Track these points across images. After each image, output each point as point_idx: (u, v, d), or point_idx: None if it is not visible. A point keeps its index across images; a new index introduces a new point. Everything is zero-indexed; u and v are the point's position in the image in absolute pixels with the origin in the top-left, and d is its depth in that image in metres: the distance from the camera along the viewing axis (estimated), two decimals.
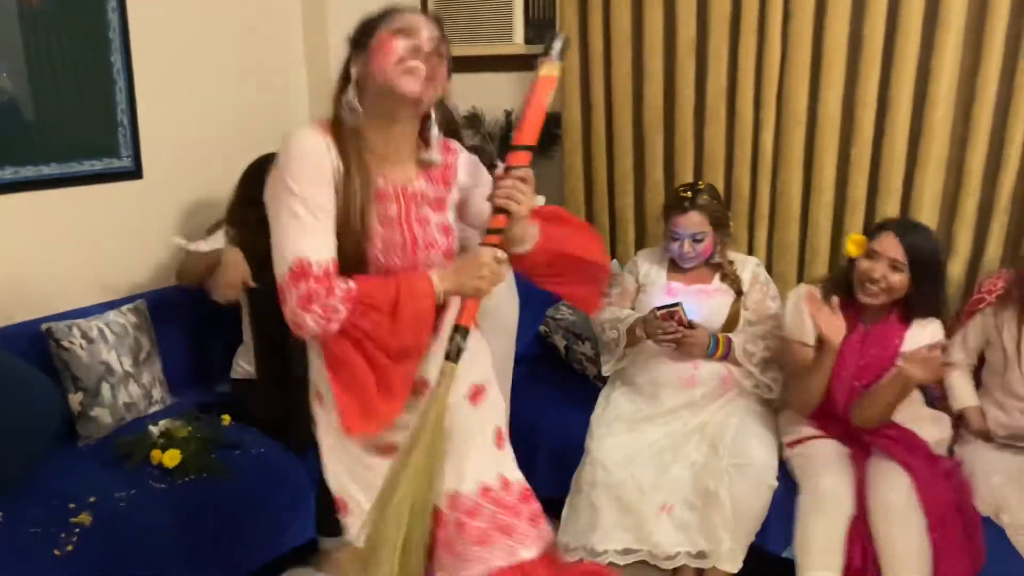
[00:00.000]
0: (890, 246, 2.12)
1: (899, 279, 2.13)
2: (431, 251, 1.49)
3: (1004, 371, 2.24)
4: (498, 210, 1.43)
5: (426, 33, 1.42)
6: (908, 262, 2.11)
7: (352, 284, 1.38)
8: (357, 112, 1.43)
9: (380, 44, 1.41)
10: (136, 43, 2.63)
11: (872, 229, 2.26)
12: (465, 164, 1.60)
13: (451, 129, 2.28)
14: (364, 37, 1.44)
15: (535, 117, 1.46)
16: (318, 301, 1.34)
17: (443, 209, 1.54)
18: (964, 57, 2.50)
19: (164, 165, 2.77)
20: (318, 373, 1.54)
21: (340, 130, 1.44)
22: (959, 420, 2.34)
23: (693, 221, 2.42)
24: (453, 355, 1.45)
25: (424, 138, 1.52)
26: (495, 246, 1.45)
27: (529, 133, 1.47)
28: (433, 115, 1.50)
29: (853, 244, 2.22)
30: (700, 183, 2.53)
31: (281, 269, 1.37)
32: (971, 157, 2.51)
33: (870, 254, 2.16)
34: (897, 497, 2.03)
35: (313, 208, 1.37)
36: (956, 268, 2.59)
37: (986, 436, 2.26)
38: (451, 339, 1.45)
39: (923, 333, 2.18)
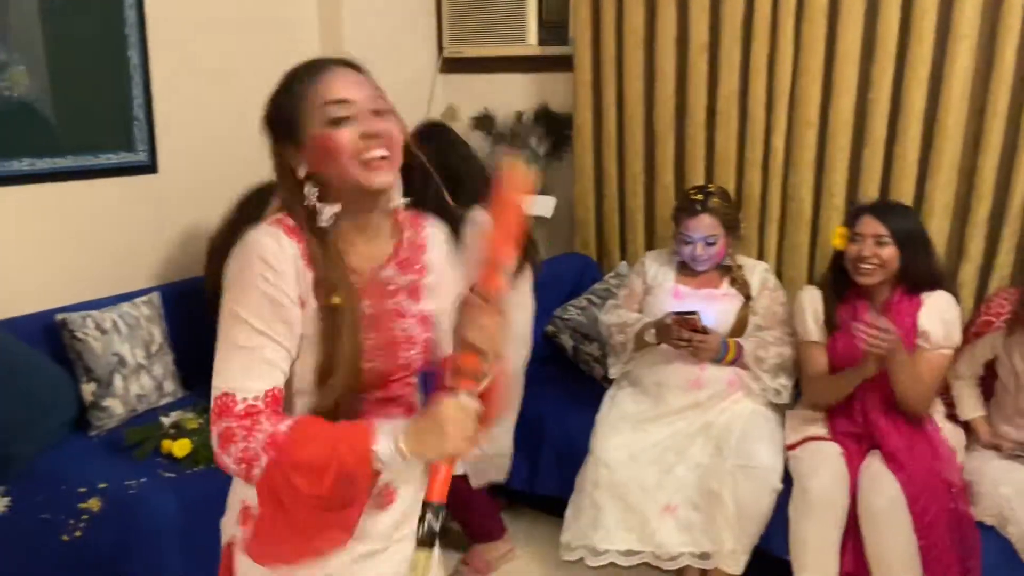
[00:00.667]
0: (870, 225, 2.22)
1: (888, 252, 2.20)
2: (412, 349, 1.25)
3: (1016, 392, 2.24)
4: (467, 346, 1.12)
5: (359, 94, 1.16)
6: (891, 235, 2.19)
7: (284, 427, 1.10)
8: (333, 217, 1.18)
9: (320, 145, 1.15)
10: (153, 38, 2.67)
11: (849, 217, 2.33)
12: (437, 242, 1.33)
13: (442, 157, 2.13)
14: (289, 129, 1.18)
15: (509, 224, 1.16)
16: (236, 443, 1.10)
17: (418, 297, 1.26)
18: (977, 62, 2.49)
19: (179, 160, 2.81)
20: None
21: (310, 233, 1.17)
22: (967, 430, 2.34)
23: (705, 224, 2.41)
24: (427, 540, 1.10)
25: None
26: (468, 391, 1.11)
27: (504, 245, 1.15)
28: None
29: (839, 237, 2.30)
30: (711, 185, 2.53)
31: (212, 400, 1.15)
32: (983, 162, 2.50)
33: (854, 238, 2.24)
34: (884, 501, 2.03)
35: (259, 333, 1.13)
36: (968, 273, 2.58)
37: (995, 447, 2.25)
38: (421, 519, 1.10)
39: (937, 304, 2.22)
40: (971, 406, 2.33)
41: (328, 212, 1.18)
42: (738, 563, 2.23)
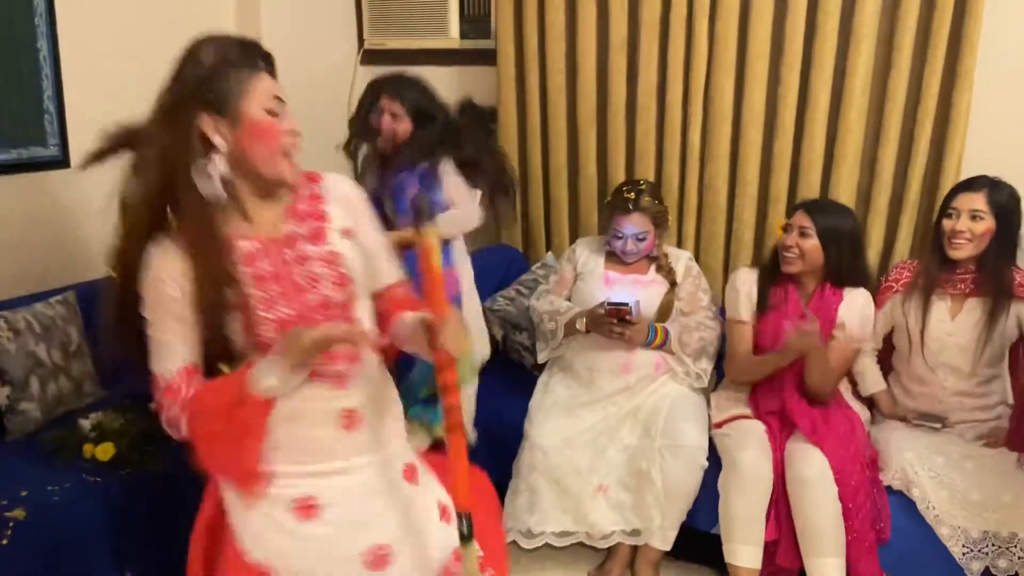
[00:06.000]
0: (798, 217, 2.38)
1: (810, 244, 2.34)
2: (318, 287, 1.41)
3: (909, 357, 2.40)
4: (445, 360, 1.38)
5: (276, 88, 1.39)
6: (815, 229, 2.33)
7: (191, 390, 1.37)
8: (223, 197, 1.37)
9: (255, 127, 1.35)
10: (63, 29, 2.57)
11: (790, 211, 2.50)
12: (333, 191, 1.50)
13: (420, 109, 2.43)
14: (221, 102, 1.35)
15: (436, 285, 1.37)
16: (166, 412, 1.38)
17: (322, 240, 1.44)
18: (876, 60, 2.66)
19: None
20: None
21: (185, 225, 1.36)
22: (871, 404, 2.50)
23: (636, 221, 2.51)
24: (462, 538, 1.40)
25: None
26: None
27: (437, 301, 1.37)
28: None
29: (780, 228, 2.45)
30: (642, 183, 2.60)
31: None
32: (883, 154, 2.68)
33: (785, 228, 2.41)
34: (814, 472, 2.16)
35: (160, 326, 1.37)
36: (870, 259, 2.74)
37: (900, 418, 2.41)
38: (458, 522, 1.39)
39: (856, 302, 2.36)
40: (873, 380, 2.49)
41: (220, 191, 1.36)
42: (667, 539, 2.33)
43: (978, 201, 2.25)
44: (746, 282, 2.47)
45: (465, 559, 1.40)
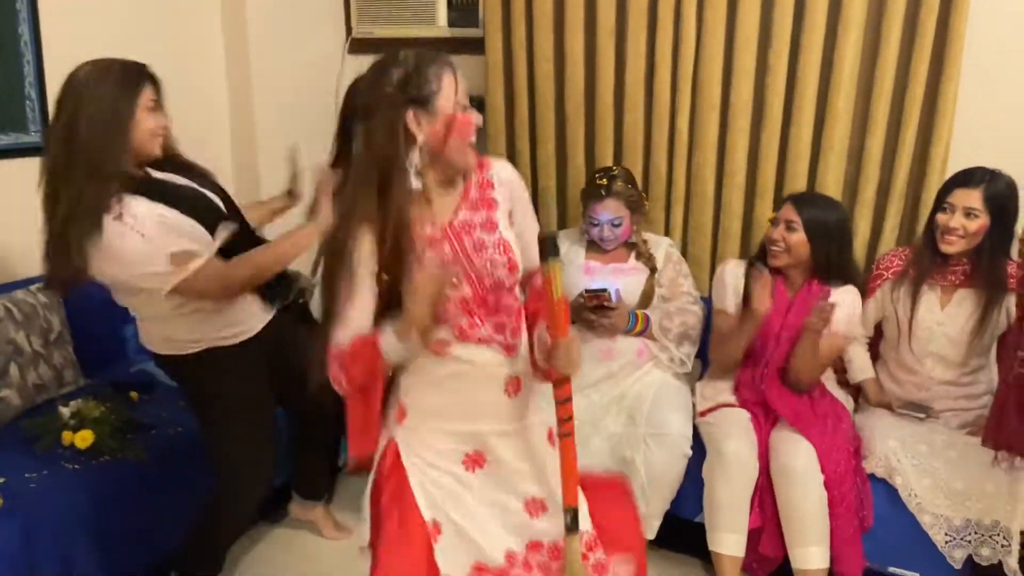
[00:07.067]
0: (786, 211, 2.37)
1: (796, 238, 2.33)
2: (494, 271, 1.54)
3: (898, 345, 2.39)
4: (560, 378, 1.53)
5: (462, 86, 1.51)
6: (802, 223, 2.32)
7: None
8: (419, 188, 1.49)
9: (457, 121, 1.47)
10: (45, 14, 2.55)
11: (779, 203, 2.47)
12: (499, 176, 1.61)
13: None
14: (425, 99, 1.45)
15: (558, 311, 1.48)
16: (332, 371, 1.49)
17: (494, 228, 1.56)
18: (864, 49, 2.65)
19: None
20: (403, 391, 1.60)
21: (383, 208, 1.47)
22: (858, 391, 2.49)
23: (610, 207, 2.51)
24: (571, 527, 1.53)
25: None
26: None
27: (559, 325, 1.48)
28: None
29: (769, 221, 2.45)
30: (615, 169, 2.61)
31: None
32: (870, 143, 2.66)
33: (773, 221, 2.39)
34: (798, 462, 2.16)
35: (350, 301, 1.48)
36: (857, 249, 2.73)
37: (886, 406, 2.40)
38: (565, 516, 1.53)
39: (844, 299, 2.34)
40: (861, 368, 2.49)
41: (415, 183, 1.47)
42: (651, 527, 2.33)
43: (974, 199, 2.23)
44: (733, 274, 2.47)
45: (567, 548, 1.54)
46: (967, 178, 2.27)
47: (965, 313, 2.29)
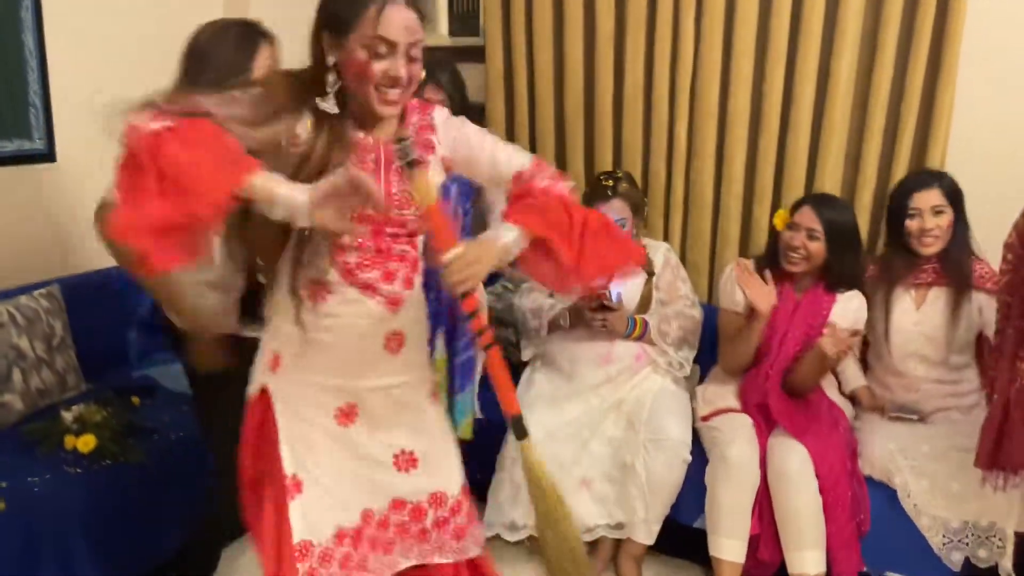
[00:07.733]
0: (807, 217, 2.34)
1: (816, 247, 2.33)
2: (401, 209, 1.46)
3: (881, 350, 2.43)
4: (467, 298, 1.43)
5: (403, 38, 1.36)
6: (824, 232, 2.31)
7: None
8: (333, 110, 1.44)
9: (355, 62, 1.36)
10: (49, 21, 2.57)
11: (794, 204, 2.46)
12: (439, 119, 1.54)
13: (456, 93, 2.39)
14: (339, 28, 1.37)
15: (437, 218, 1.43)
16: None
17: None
18: (860, 57, 2.67)
19: (79, 148, 2.70)
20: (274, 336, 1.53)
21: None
22: (852, 400, 2.51)
23: (615, 207, 2.52)
24: (520, 434, 1.52)
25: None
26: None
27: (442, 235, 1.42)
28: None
29: (779, 219, 2.44)
30: (618, 171, 2.64)
31: None
32: (867, 150, 2.69)
33: (791, 226, 2.38)
34: (792, 466, 2.17)
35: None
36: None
37: (879, 411, 2.42)
38: (511, 425, 1.51)
39: (849, 305, 2.36)
40: (853, 377, 2.51)
41: (330, 106, 1.43)
42: (650, 532, 2.33)
43: (935, 197, 2.30)
44: None
45: (523, 455, 1.52)
46: (920, 181, 2.35)
47: (939, 310, 2.33)
